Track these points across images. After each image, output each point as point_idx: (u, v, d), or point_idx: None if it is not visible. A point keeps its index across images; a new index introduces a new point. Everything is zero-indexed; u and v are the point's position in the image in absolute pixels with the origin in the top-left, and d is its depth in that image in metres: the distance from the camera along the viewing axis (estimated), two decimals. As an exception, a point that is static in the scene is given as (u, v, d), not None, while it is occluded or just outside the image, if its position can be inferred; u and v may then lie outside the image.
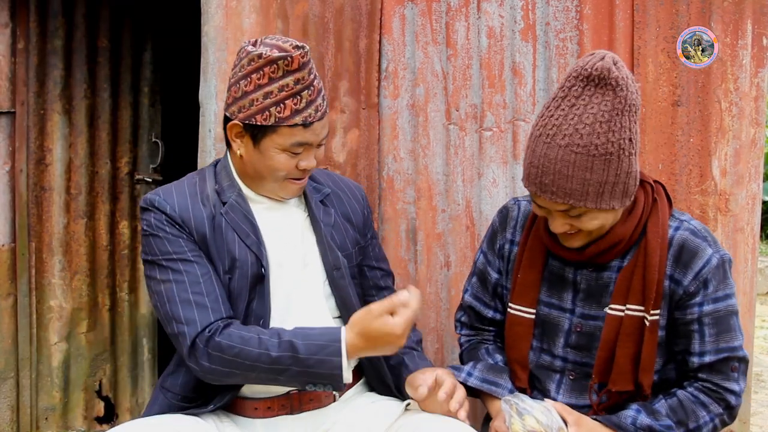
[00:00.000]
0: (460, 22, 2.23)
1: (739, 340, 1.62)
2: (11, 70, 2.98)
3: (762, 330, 5.39)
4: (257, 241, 1.68)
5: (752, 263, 2.23)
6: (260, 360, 1.53)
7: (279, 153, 1.62)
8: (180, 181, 1.74)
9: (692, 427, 1.60)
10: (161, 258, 1.63)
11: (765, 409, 3.76)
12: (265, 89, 1.57)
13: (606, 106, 1.46)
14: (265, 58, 1.55)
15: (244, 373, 1.56)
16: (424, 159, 2.25)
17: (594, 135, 1.46)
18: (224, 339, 1.55)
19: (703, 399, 1.61)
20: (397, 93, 2.25)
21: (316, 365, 1.52)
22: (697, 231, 1.63)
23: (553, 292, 1.72)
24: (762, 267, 6.78)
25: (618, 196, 1.53)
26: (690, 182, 2.19)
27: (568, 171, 1.47)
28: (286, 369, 1.54)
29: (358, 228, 1.86)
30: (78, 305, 3.18)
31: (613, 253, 1.64)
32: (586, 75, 1.47)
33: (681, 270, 1.60)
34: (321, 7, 2.25)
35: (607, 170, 1.48)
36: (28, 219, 3.05)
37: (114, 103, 3.25)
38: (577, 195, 1.49)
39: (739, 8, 2.17)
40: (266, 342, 1.54)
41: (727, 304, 1.61)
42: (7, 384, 3.06)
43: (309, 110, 1.59)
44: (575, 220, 1.56)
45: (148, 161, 3.36)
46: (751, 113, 2.19)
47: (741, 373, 1.62)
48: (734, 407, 1.61)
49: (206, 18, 2.21)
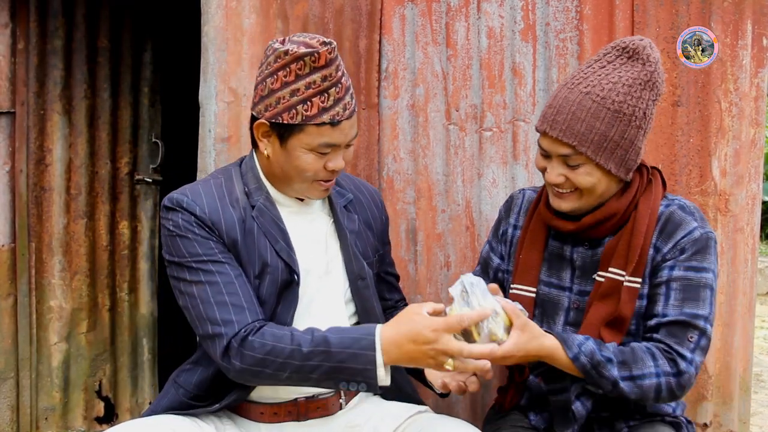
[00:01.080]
0: (460, 23, 2.23)
1: (705, 311, 1.59)
2: (11, 70, 2.98)
3: (762, 330, 5.39)
4: (287, 247, 1.64)
5: (752, 263, 2.23)
6: (293, 356, 1.48)
7: (306, 153, 1.57)
8: (205, 181, 1.69)
9: (636, 374, 1.56)
10: (191, 260, 1.58)
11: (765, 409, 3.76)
12: (292, 87, 1.52)
13: (632, 74, 1.59)
14: (292, 55, 1.51)
15: (276, 373, 1.50)
16: (424, 159, 2.25)
17: (614, 92, 1.57)
18: (258, 338, 1.51)
19: (654, 351, 1.58)
20: (397, 93, 2.25)
21: (348, 359, 1.45)
22: (686, 207, 1.68)
23: (553, 272, 1.76)
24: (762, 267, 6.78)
25: (616, 160, 1.60)
26: (690, 182, 2.19)
27: (581, 114, 1.58)
28: (318, 366, 1.47)
29: (378, 235, 1.84)
30: (78, 305, 3.18)
31: (607, 227, 1.68)
32: (623, 46, 1.61)
33: (664, 239, 1.65)
34: (321, 7, 2.25)
35: (615, 127, 1.58)
36: (28, 219, 3.05)
37: (114, 103, 3.25)
38: (582, 139, 1.58)
39: (739, 8, 2.17)
40: (299, 338, 1.50)
41: (702, 275, 1.60)
42: (7, 384, 3.06)
43: (337, 108, 1.54)
44: (571, 172, 1.62)
45: (148, 161, 3.35)
46: (751, 113, 2.19)
47: (697, 346, 1.57)
48: (683, 373, 1.55)
49: (206, 18, 2.21)
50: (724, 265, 2.21)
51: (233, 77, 2.20)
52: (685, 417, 1.78)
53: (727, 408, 2.24)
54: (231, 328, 1.53)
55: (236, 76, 2.21)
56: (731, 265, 2.22)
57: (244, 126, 2.22)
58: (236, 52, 2.20)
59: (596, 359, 1.56)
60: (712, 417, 2.23)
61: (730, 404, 2.24)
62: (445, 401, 2.26)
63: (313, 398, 1.67)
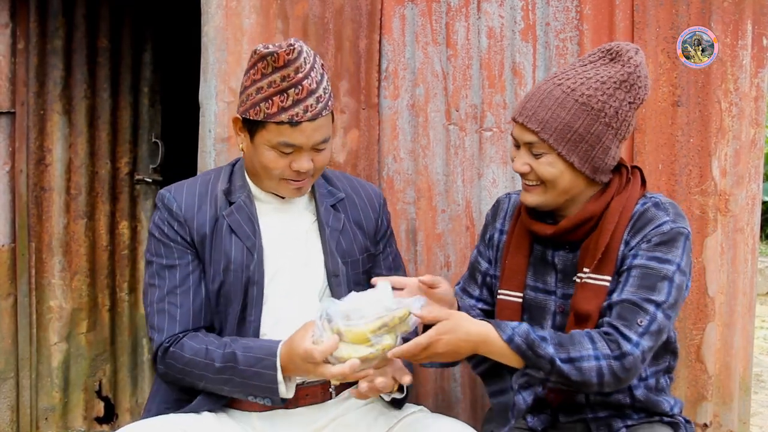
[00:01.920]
0: (460, 23, 2.23)
1: (661, 297, 1.55)
2: (11, 70, 2.98)
3: (762, 330, 5.39)
4: (256, 244, 1.70)
5: (752, 263, 2.23)
6: (207, 370, 1.61)
7: (269, 150, 1.63)
8: (195, 178, 1.80)
9: (574, 356, 1.52)
10: (155, 258, 1.72)
11: (765, 410, 3.76)
12: (257, 84, 1.60)
13: (609, 73, 1.60)
14: (258, 54, 1.59)
15: (195, 382, 1.65)
16: (424, 159, 2.25)
17: (585, 86, 1.59)
18: (177, 349, 1.64)
19: (593, 335, 1.55)
20: (397, 93, 2.25)
21: (253, 377, 1.58)
22: (661, 204, 1.65)
23: (539, 276, 1.76)
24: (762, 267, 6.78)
25: (580, 155, 1.59)
26: (690, 182, 2.19)
27: (549, 103, 1.59)
28: (229, 379, 1.60)
29: (369, 235, 1.85)
30: (78, 305, 3.18)
31: (585, 230, 1.67)
32: (608, 49, 1.63)
33: (633, 234, 1.63)
34: (321, 7, 2.25)
35: (581, 119, 1.58)
36: (28, 219, 3.05)
37: (114, 104, 3.25)
38: (545, 126, 1.59)
39: (739, 8, 2.17)
40: (212, 353, 1.62)
41: (663, 267, 1.57)
42: (6, 384, 3.06)
43: (296, 109, 1.58)
44: (535, 161, 1.62)
45: (148, 161, 3.35)
46: (751, 113, 2.19)
47: (646, 330, 1.53)
48: (627, 355, 1.50)
49: (206, 18, 2.21)
50: (724, 265, 2.21)
51: (233, 77, 2.20)
52: (684, 417, 1.78)
53: (727, 408, 2.24)
54: (160, 336, 1.67)
55: (236, 76, 2.21)
56: (731, 265, 2.22)
57: (244, 126, 2.22)
58: (236, 52, 2.20)
59: (530, 338, 1.52)
60: (712, 417, 2.23)
61: (730, 404, 2.24)
62: (444, 401, 2.27)
63: (302, 385, 1.70)
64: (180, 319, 1.67)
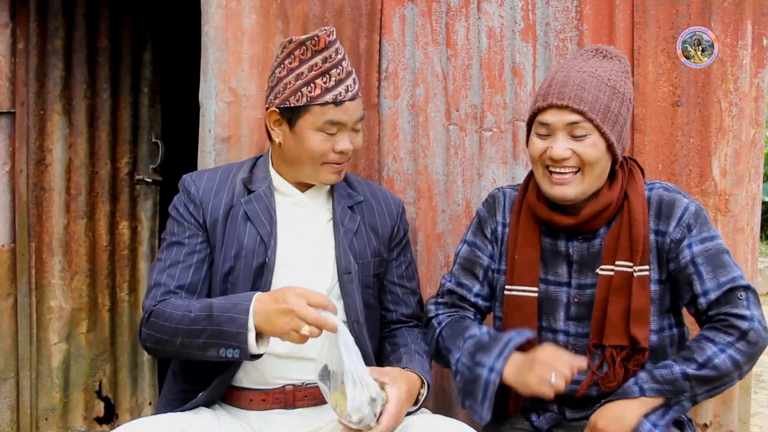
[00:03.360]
0: (460, 23, 2.23)
1: (737, 271, 1.65)
2: (11, 70, 2.98)
3: (762, 330, 5.38)
4: (270, 232, 1.73)
5: (752, 263, 2.23)
6: (182, 321, 1.58)
7: (314, 133, 1.68)
8: (218, 167, 1.88)
9: (702, 360, 1.59)
10: (166, 236, 1.76)
11: (765, 410, 3.76)
12: (296, 72, 1.66)
13: (614, 66, 1.70)
14: (295, 42, 1.67)
15: (171, 339, 1.60)
16: (424, 159, 2.25)
17: (607, 73, 1.68)
18: (161, 306, 1.64)
19: (708, 334, 1.62)
20: (397, 93, 2.25)
21: (225, 323, 1.52)
22: (669, 187, 1.76)
23: (549, 269, 1.77)
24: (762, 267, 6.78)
25: (616, 135, 1.67)
26: (690, 182, 2.19)
27: (585, 85, 1.65)
28: (203, 330, 1.54)
29: (384, 241, 1.88)
30: (78, 305, 3.17)
31: (603, 218, 1.71)
32: (596, 49, 1.73)
33: (664, 222, 1.69)
34: (321, 7, 2.25)
35: (615, 102, 1.66)
36: (28, 219, 3.05)
37: (114, 104, 3.24)
38: (591, 106, 1.64)
39: (739, 8, 2.17)
40: (191, 305, 1.60)
41: (715, 243, 1.67)
42: (7, 384, 3.06)
43: (339, 89, 1.66)
44: (578, 143, 1.65)
45: (148, 161, 3.35)
46: (751, 113, 2.19)
47: (750, 301, 1.62)
48: (747, 332, 1.58)
49: (206, 18, 2.21)
50: (724, 265, 2.21)
51: (233, 77, 2.20)
52: (686, 416, 1.78)
53: (727, 408, 2.24)
54: (152, 301, 1.67)
55: (236, 76, 2.21)
56: (731, 265, 2.22)
57: (244, 126, 2.22)
58: (236, 52, 2.20)
59: (655, 374, 1.62)
60: (712, 417, 2.23)
61: (730, 404, 2.24)
62: (444, 401, 2.27)
63: (301, 386, 1.71)
64: (172, 287, 1.68)
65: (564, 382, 1.58)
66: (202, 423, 1.65)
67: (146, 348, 1.69)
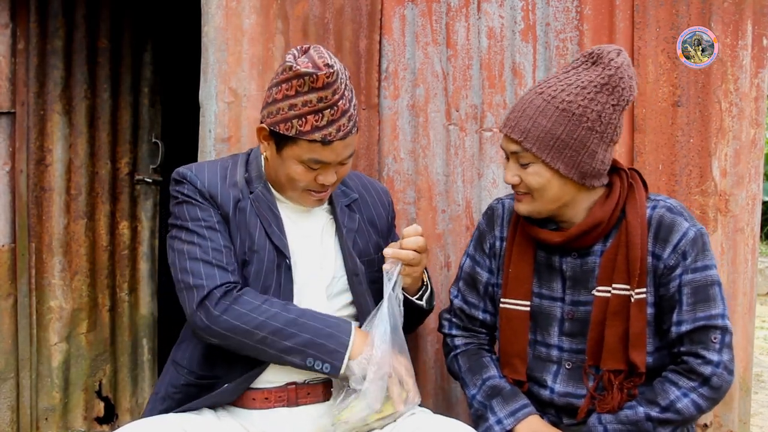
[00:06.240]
0: (460, 23, 2.23)
1: (719, 308, 1.61)
2: (11, 70, 2.98)
3: (762, 330, 5.40)
4: (279, 232, 1.73)
5: (752, 264, 2.23)
6: (276, 318, 1.60)
7: (297, 164, 1.66)
8: (213, 162, 1.83)
9: (665, 404, 1.59)
10: (190, 222, 1.69)
11: (765, 410, 3.76)
12: (291, 101, 1.61)
13: (589, 77, 1.60)
14: (294, 71, 1.59)
15: (252, 330, 1.59)
16: (424, 159, 2.25)
17: (566, 92, 1.59)
18: (243, 294, 1.63)
19: (672, 377, 1.62)
20: (397, 93, 2.25)
21: (326, 337, 1.60)
22: (673, 207, 1.68)
23: (544, 283, 1.76)
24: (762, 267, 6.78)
25: (565, 161, 1.59)
26: (690, 183, 2.19)
27: (530, 112, 1.60)
28: (295, 334, 1.60)
29: (382, 233, 1.90)
30: (78, 305, 3.18)
31: (594, 236, 1.67)
32: (590, 53, 1.63)
33: (661, 245, 1.64)
34: (321, 7, 2.25)
35: (563, 126, 1.58)
36: (28, 219, 3.05)
37: (114, 104, 3.25)
38: (527, 135, 1.60)
39: (739, 8, 2.17)
40: (285, 305, 1.64)
41: (706, 274, 1.62)
42: (7, 384, 3.06)
43: (330, 129, 1.61)
44: (523, 171, 1.63)
45: (148, 162, 3.36)
46: (751, 114, 2.19)
47: (723, 344, 1.60)
48: (710, 378, 1.58)
49: (206, 18, 2.21)
50: (724, 265, 2.21)
51: (233, 77, 2.20)
52: None
53: (727, 408, 2.24)
54: (212, 281, 1.62)
55: (236, 76, 2.21)
56: (731, 265, 2.21)
57: (244, 126, 2.22)
58: (236, 52, 2.20)
59: (622, 417, 1.62)
60: (712, 417, 2.23)
61: (730, 404, 2.24)
62: (444, 401, 2.27)
63: (304, 384, 1.72)
64: (232, 270, 1.66)
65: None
66: (204, 424, 1.64)
67: (209, 331, 1.62)
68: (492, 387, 1.78)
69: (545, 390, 1.75)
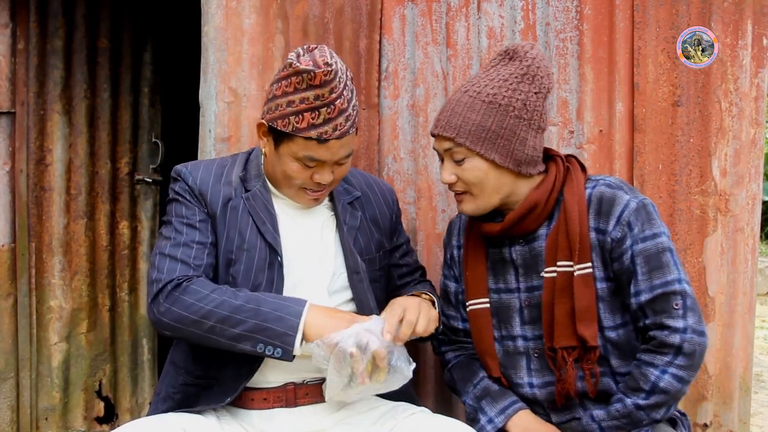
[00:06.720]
0: (460, 23, 2.23)
1: (674, 274, 1.60)
2: (11, 70, 2.98)
3: (762, 330, 5.40)
4: (272, 230, 1.72)
5: (752, 263, 2.23)
6: (222, 306, 1.57)
7: (293, 161, 1.67)
8: (212, 160, 1.85)
9: (648, 388, 1.59)
10: (175, 218, 1.72)
11: (765, 409, 3.76)
12: (289, 97, 1.62)
13: (509, 70, 1.67)
14: (294, 68, 1.60)
15: (200, 320, 1.57)
16: (424, 159, 2.25)
17: (490, 87, 1.65)
18: (193, 284, 1.61)
19: (646, 358, 1.60)
20: (397, 93, 2.25)
21: (274, 321, 1.55)
22: (612, 183, 1.70)
23: (499, 277, 1.78)
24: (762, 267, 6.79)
25: (499, 151, 1.64)
26: (690, 182, 2.19)
27: (459, 109, 1.65)
28: (243, 320, 1.56)
29: (385, 232, 1.90)
30: (78, 305, 3.18)
31: (533, 219, 1.70)
32: (505, 50, 1.70)
33: (604, 219, 1.65)
34: (321, 7, 2.25)
35: (492, 117, 1.63)
36: (28, 219, 3.05)
37: (114, 104, 3.25)
38: (459, 130, 1.64)
39: (739, 8, 2.17)
40: (234, 292, 1.61)
41: (657, 242, 1.62)
42: (7, 384, 3.06)
43: (326, 127, 1.61)
44: (459, 168, 1.67)
45: (148, 161, 3.36)
46: (751, 113, 2.19)
47: (685, 308, 1.58)
48: (681, 345, 1.56)
49: (206, 18, 2.21)
50: (724, 265, 2.21)
51: (233, 77, 2.20)
52: (679, 410, 1.78)
53: (727, 408, 2.24)
54: (170, 275, 1.62)
55: (236, 76, 2.21)
56: (731, 265, 2.22)
57: (244, 126, 2.22)
58: (236, 52, 2.21)
59: (612, 410, 1.62)
60: (712, 417, 2.23)
61: (730, 404, 2.24)
62: (445, 402, 2.27)
63: (302, 384, 1.72)
64: (193, 265, 1.65)
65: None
66: (204, 424, 1.65)
67: (160, 324, 1.62)
68: (482, 389, 1.79)
69: (525, 388, 1.76)
